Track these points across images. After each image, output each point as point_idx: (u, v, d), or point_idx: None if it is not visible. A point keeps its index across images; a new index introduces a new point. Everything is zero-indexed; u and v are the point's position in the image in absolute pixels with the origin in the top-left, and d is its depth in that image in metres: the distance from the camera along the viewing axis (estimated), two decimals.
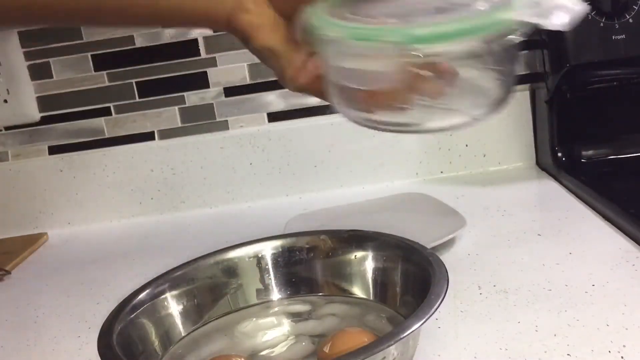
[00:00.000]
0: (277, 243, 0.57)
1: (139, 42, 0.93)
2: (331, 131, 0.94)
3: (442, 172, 0.95)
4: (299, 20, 0.44)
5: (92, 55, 0.94)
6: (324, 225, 0.79)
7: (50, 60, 0.94)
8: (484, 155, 0.95)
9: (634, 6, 0.80)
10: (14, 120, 0.95)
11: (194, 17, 0.46)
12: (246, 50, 0.96)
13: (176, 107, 0.96)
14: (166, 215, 0.96)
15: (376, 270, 0.54)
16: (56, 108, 0.96)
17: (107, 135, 0.96)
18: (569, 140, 0.87)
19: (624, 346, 0.46)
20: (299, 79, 0.47)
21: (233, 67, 0.94)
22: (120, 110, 0.96)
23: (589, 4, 0.80)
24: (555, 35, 0.83)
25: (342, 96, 0.44)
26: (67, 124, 0.96)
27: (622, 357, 0.44)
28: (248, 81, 0.95)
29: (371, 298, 0.54)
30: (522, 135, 0.94)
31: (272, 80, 0.95)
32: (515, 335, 0.49)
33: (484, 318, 0.52)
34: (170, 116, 0.96)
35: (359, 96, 0.43)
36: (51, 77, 0.95)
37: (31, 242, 0.91)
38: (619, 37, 0.80)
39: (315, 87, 0.48)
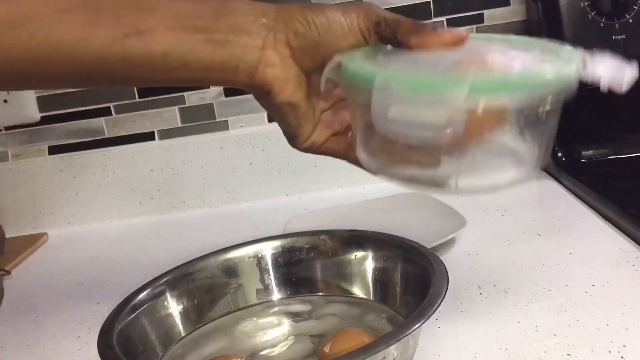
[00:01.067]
0: (277, 243, 0.57)
1: None
2: None
3: None
4: (328, 68, 0.42)
5: None
6: (324, 225, 0.78)
7: None
8: None
9: (634, 6, 0.80)
10: (14, 120, 0.95)
11: (209, 75, 0.43)
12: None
13: (176, 107, 0.96)
14: (166, 215, 0.96)
15: (376, 270, 0.54)
16: (56, 108, 0.96)
17: (107, 135, 0.96)
18: (569, 140, 0.87)
19: (624, 346, 0.46)
20: (312, 137, 0.47)
21: None
22: (120, 110, 0.96)
23: (589, 4, 0.80)
24: (555, 36, 0.83)
25: (382, 149, 0.42)
26: (67, 124, 0.96)
27: (622, 357, 0.44)
28: None
29: (371, 298, 0.54)
30: None
31: None
32: (515, 335, 0.49)
33: (484, 318, 0.52)
34: (170, 116, 0.96)
35: (401, 149, 0.40)
36: None
37: (31, 242, 0.91)
38: (619, 37, 0.80)
39: (330, 146, 0.48)
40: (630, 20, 0.80)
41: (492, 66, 0.38)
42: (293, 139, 0.47)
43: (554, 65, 0.38)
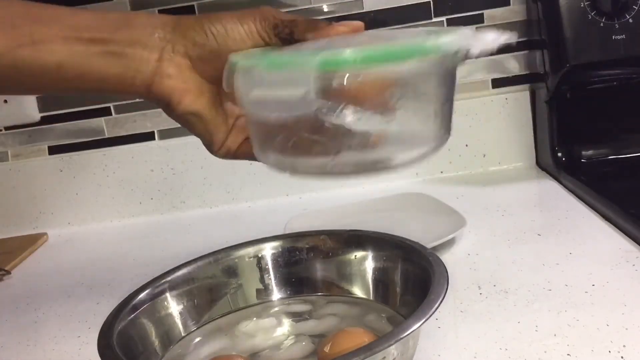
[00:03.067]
0: (277, 243, 0.57)
1: None
2: None
3: (442, 172, 0.95)
4: (225, 68, 0.42)
5: None
6: (324, 225, 0.78)
7: None
8: (484, 155, 0.95)
9: (634, 6, 0.80)
10: (14, 120, 0.95)
11: (106, 86, 0.43)
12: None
13: None
14: (166, 215, 0.96)
15: (376, 270, 0.54)
16: (56, 108, 0.96)
17: (107, 135, 0.96)
18: (569, 140, 0.87)
19: (624, 346, 0.46)
20: (226, 143, 0.47)
21: None
22: (120, 110, 0.96)
23: (589, 4, 0.80)
24: (555, 36, 0.83)
25: (275, 143, 0.42)
26: (67, 124, 0.96)
27: (622, 357, 0.44)
28: None
29: (371, 298, 0.54)
30: (522, 135, 0.94)
31: None
32: (515, 335, 0.49)
33: (484, 318, 0.52)
34: None
35: (292, 140, 0.40)
36: None
37: (31, 242, 0.91)
38: (619, 37, 0.80)
39: (245, 150, 0.48)
40: (630, 20, 0.80)
41: (361, 44, 0.38)
42: (208, 147, 0.47)
43: (417, 39, 0.39)
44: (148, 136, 0.96)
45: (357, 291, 0.54)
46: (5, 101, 0.93)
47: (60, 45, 0.41)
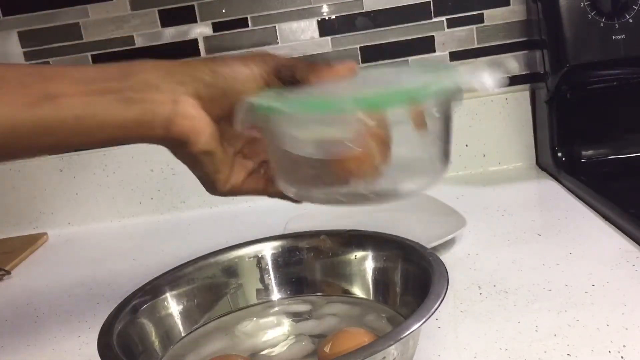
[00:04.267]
0: (277, 243, 0.58)
1: (139, 42, 0.93)
2: None
3: None
4: (240, 108, 0.44)
5: (92, 55, 0.94)
6: (324, 225, 0.78)
7: (50, 60, 0.94)
8: (484, 155, 0.95)
9: (634, 6, 0.80)
10: None
11: (126, 132, 0.43)
12: (246, 50, 0.96)
13: None
14: (166, 215, 0.96)
15: (376, 270, 0.54)
16: None
17: None
18: (569, 140, 0.87)
19: (624, 346, 0.46)
20: (231, 180, 0.48)
21: None
22: None
23: (589, 4, 0.81)
24: (555, 36, 0.83)
25: (299, 175, 0.45)
26: None
27: (622, 357, 0.44)
28: None
29: (371, 298, 0.54)
30: (522, 135, 0.94)
31: None
32: (515, 335, 0.49)
33: (484, 318, 0.52)
34: None
35: (314, 173, 0.43)
36: None
37: (31, 242, 0.91)
38: (619, 37, 0.80)
39: (248, 186, 0.50)
40: (630, 20, 0.80)
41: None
42: (212, 186, 0.48)
43: (430, 80, 0.43)
44: None
45: (357, 291, 0.55)
46: None
47: (76, 98, 0.41)
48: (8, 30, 0.93)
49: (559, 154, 0.87)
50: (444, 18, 0.93)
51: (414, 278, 0.50)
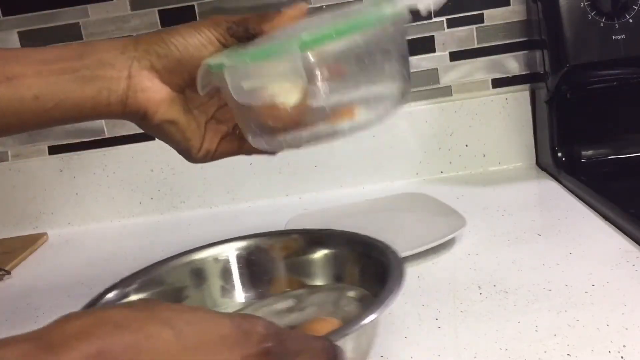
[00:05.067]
0: (242, 244, 0.59)
1: None
2: None
3: (442, 172, 0.95)
4: (199, 74, 0.45)
5: None
6: (323, 225, 0.78)
7: None
8: (484, 155, 0.95)
9: (634, 6, 0.80)
10: None
11: (83, 110, 0.45)
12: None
13: None
14: (166, 215, 0.96)
15: (338, 267, 0.56)
16: None
17: (107, 135, 0.96)
18: (569, 140, 0.87)
19: (624, 346, 0.46)
20: (204, 146, 0.49)
21: None
22: None
23: (589, 4, 0.81)
24: (555, 36, 0.83)
25: (258, 125, 0.45)
26: None
27: (622, 357, 0.44)
28: None
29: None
30: (522, 135, 0.94)
31: None
32: (515, 335, 0.49)
33: (484, 318, 0.52)
34: None
35: (275, 119, 0.44)
36: None
37: (31, 242, 0.91)
38: (619, 37, 0.80)
39: (223, 149, 0.51)
40: (630, 20, 0.80)
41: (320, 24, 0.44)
42: (187, 153, 0.50)
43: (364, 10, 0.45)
44: (148, 136, 0.95)
45: (317, 281, 0.56)
46: None
47: (34, 79, 0.43)
48: (8, 30, 0.93)
49: (559, 154, 0.87)
50: (444, 18, 0.93)
51: (374, 273, 0.51)
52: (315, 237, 0.58)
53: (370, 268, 0.52)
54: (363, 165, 0.95)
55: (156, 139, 0.98)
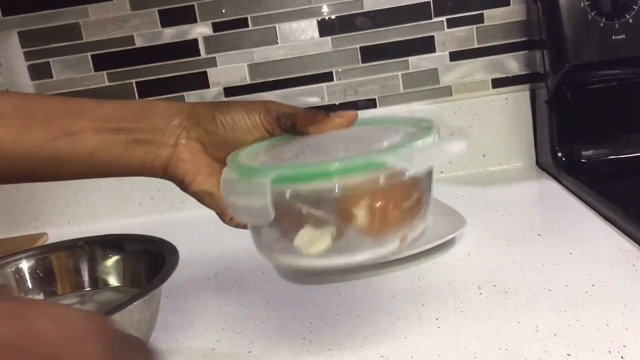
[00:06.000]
0: (36, 253, 0.61)
1: (139, 42, 0.93)
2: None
3: (442, 172, 0.95)
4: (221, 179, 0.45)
5: (92, 55, 0.94)
6: None
7: (50, 60, 0.94)
8: (484, 155, 0.95)
9: (634, 6, 0.80)
10: None
11: (130, 169, 0.48)
12: (246, 50, 0.96)
13: None
14: (166, 215, 0.96)
15: (128, 263, 0.60)
16: None
17: None
18: (569, 140, 0.88)
19: (624, 346, 0.46)
20: (235, 217, 0.50)
21: (233, 67, 0.94)
22: None
23: (589, 4, 0.81)
24: (555, 36, 0.83)
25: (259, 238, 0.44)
26: None
27: (622, 357, 0.44)
28: (248, 81, 0.95)
29: (128, 285, 0.60)
30: (522, 135, 0.94)
31: (272, 80, 0.95)
32: (515, 335, 0.49)
33: (484, 318, 0.52)
34: None
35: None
36: (51, 77, 0.95)
37: (31, 242, 0.91)
38: (618, 37, 0.80)
39: None
40: (630, 21, 0.80)
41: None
42: (220, 218, 0.52)
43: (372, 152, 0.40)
44: None
45: (115, 282, 0.61)
46: None
47: (91, 136, 0.46)
48: (8, 30, 0.93)
49: (559, 154, 0.87)
50: (444, 18, 0.93)
51: (157, 266, 0.54)
52: (111, 241, 0.62)
53: (154, 264, 0.55)
54: None
55: None
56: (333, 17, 0.93)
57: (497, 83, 0.95)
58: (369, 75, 0.95)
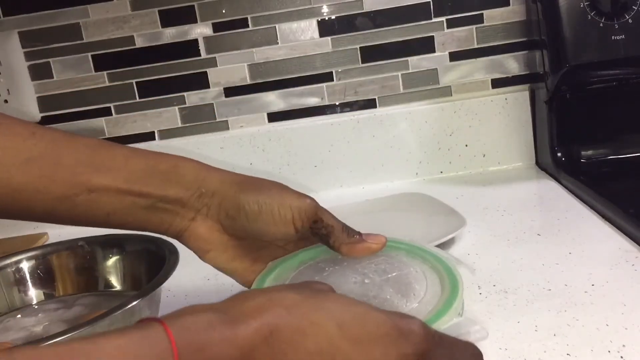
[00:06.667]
0: (33, 253, 0.61)
1: (139, 42, 0.93)
2: (331, 131, 0.94)
3: (442, 172, 0.95)
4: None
5: (92, 56, 0.94)
6: None
7: (51, 60, 0.94)
8: (484, 155, 0.95)
9: (634, 6, 0.80)
10: None
11: (143, 230, 0.48)
12: (246, 50, 0.96)
13: (176, 107, 0.96)
14: None
15: (127, 264, 0.60)
16: (56, 108, 0.96)
17: (107, 135, 0.97)
18: (569, 140, 0.88)
19: (623, 346, 0.46)
20: (250, 278, 0.49)
21: (233, 67, 0.94)
22: (120, 110, 0.96)
23: (588, 4, 0.81)
24: (555, 36, 0.83)
25: None
26: (68, 124, 0.96)
27: (621, 357, 0.44)
28: (248, 81, 0.95)
29: (120, 288, 0.60)
30: (522, 135, 0.94)
31: (272, 80, 0.95)
32: (515, 335, 0.49)
33: (484, 318, 0.53)
34: (170, 116, 0.96)
35: None
36: (51, 77, 0.95)
37: (31, 242, 0.91)
38: (618, 37, 0.80)
39: None
40: (630, 21, 0.80)
41: None
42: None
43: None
44: (148, 136, 0.96)
45: (115, 284, 0.61)
46: (6, 101, 0.94)
47: (113, 197, 0.45)
48: (8, 30, 0.93)
49: (559, 154, 0.87)
50: (443, 18, 0.93)
51: (157, 266, 0.53)
52: (110, 241, 0.62)
53: (155, 264, 0.55)
54: (363, 165, 0.95)
55: (156, 139, 0.99)
56: (333, 17, 0.93)
57: (497, 83, 0.95)
58: (369, 75, 0.95)
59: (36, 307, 0.59)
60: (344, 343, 0.33)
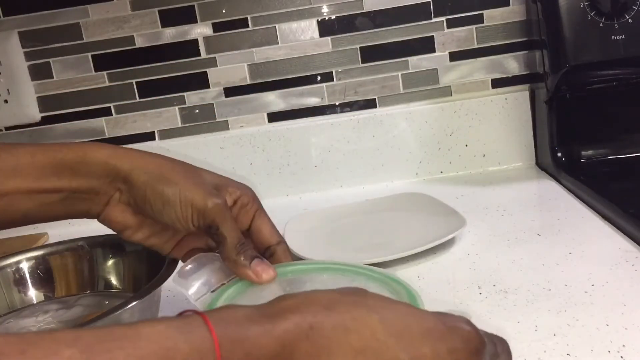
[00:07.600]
0: (34, 254, 0.61)
1: (139, 42, 0.93)
2: (331, 131, 0.94)
3: (442, 172, 0.95)
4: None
5: (92, 56, 0.94)
6: (323, 225, 0.79)
7: (51, 60, 0.94)
8: (484, 155, 0.95)
9: (634, 6, 0.80)
10: (14, 120, 0.95)
11: (67, 218, 0.50)
12: (246, 50, 0.96)
13: (176, 107, 0.96)
14: None
15: (127, 265, 0.60)
16: (56, 108, 0.96)
17: (107, 135, 0.97)
18: (569, 140, 0.88)
19: (623, 346, 0.46)
20: (172, 253, 0.52)
21: (233, 67, 0.94)
22: (120, 110, 0.96)
23: (588, 4, 0.81)
24: (555, 36, 0.83)
25: None
26: (68, 124, 0.96)
27: (621, 357, 0.44)
28: (248, 81, 0.95)
29: (121, 288, 0.60)
30: (522, 135, 0.94)
31: (272, 80, 0.95)
32: (515, 335, 0.49)
33: (484, 318, 0.53)
34: (170, 116, 0.96)
35: None
36: (51, 77, 0.95)
37: (31, 242, 0.91)
38: (618, 37, 0.80)
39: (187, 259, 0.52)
40: (630, 21, 0.80)
41: None
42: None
43: None
44: (148, 136, 0.96)
45: (115, 284, 0.61)
46: (6, 101, 0.94)
47: (25, 198, 0.46)
48: (8, 30, 0.93)
49: (559, 154, 0.87)
50: (443, 18, 0.93)
51: (157, 266, 0.53)
52: (110, 242, 0.62)
53: (154, 267, 0.55)
54: (363, 165, 0.95)
55: (156, 139, 0.99)
56: (333, 17, 0.93)
57: (497, 83, 0.95)
58: (368, 75, 0.95)
59: (36, 307, 0.59)
60: (389, 339, 0.32)
